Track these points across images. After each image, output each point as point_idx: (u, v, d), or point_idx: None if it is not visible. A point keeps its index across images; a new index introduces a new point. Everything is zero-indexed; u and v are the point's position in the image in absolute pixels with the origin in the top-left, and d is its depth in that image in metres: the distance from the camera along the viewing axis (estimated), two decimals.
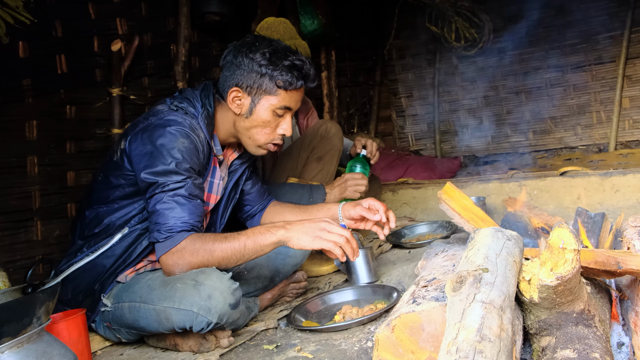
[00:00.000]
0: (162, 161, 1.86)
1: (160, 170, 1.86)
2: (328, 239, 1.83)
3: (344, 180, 2.71)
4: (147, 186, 1.88)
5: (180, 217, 1.84)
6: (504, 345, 1.06)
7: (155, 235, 1.85)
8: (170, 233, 1.83)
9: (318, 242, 1.83)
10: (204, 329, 1.78)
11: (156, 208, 1.85)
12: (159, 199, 1.85)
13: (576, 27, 4.54)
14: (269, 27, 3.03)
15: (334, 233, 1.85)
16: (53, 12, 2.87)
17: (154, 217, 1.86)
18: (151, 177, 1.86)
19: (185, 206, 1.86)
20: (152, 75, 3.42)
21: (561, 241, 1.26)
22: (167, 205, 1.85)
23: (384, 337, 1.33)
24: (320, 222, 1.88)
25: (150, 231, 1.89)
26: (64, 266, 2.00)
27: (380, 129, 5.56)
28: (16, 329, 1.35)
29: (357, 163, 2.84)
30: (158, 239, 1.84)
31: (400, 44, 5.36)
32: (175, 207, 1.85)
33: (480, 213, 2.06)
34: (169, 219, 1.84)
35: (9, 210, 2.69)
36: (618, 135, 4.46)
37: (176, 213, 1.84)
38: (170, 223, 1.83)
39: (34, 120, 2.79)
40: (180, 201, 1.86)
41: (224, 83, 2.07)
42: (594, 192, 3.13)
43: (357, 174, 2.74)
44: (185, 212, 1.86)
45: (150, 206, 1.87)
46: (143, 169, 1.88)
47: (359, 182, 2.69)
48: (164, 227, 1.83)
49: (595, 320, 1.40)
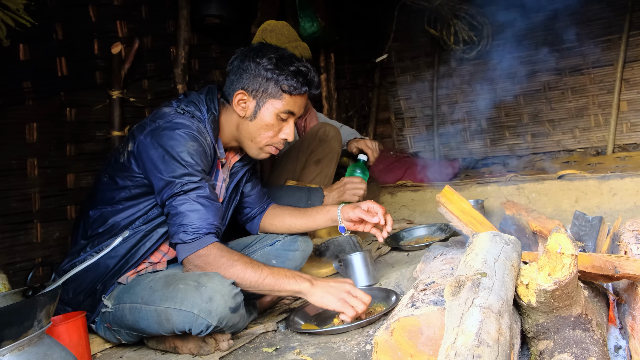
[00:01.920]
0: (175, 164, 1.90)
1: (177, 173, 1.89)
2: (351, 304, 1.88)
3: (343, 184, 2.72)
4: (163, 188, 1.90)
5: (205, 218, 1.89)
6: (502, 350, 1.07)
7: (181, 236, 1.87)
8: (198, 235, 1.87)
9: (340, 305, 1.88)
10: (203, 331, 1.79)
11: (180, 210, 1.88)
12: (182, 200, 1.88)
13: (574, 31, 4.55)
14: (272, 29, 3.03)
15: (358, 299, 1.89)
16: (53, 14, 2.88)
17: (178, 218, 1.88)
18: (168, 179, 1.89)
19: (209, 208, 1.90)
20: (152, 78, 3.42)
21: (559, 246, 1.27)
22: (192, 207, 1.88)
23: (383, 341, 1.34)
24: (345, 285, 1.93)
25: (173, 233, 1.91)
26: (67, 265, 2.02)
27: (379, 131, 5.56)
28: (17, 332, 1.35)
29: (356, 168, 2.85)
30: (184, 239, 1.87)
31: (399, 47, 5.36)
32: (200, 208, 1.89)
33: (478, 216, 2.07)
34: (195, 220, 1.87)
35: (9, 212, 2.69)
36: (616, 138, 4.47)
37: (202, 215, 1.88)
38: (196, 224, 1.87)
39: (34, 122, 2.80)
40: (204, 203, 1.90)
41: (230, 86, 2.09)
42: (592, 196, 3.14)
43: (356, 177, 2.75)
44: (210, 214, 1.90)
45: (171, 208, 1.90)
46: (158, 172, 1.91)
47: (358, 187, 2.70)
48: (190, 228, 1.87)
49: (593, 324, 1.41)
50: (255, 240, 2.37)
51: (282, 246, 2.34)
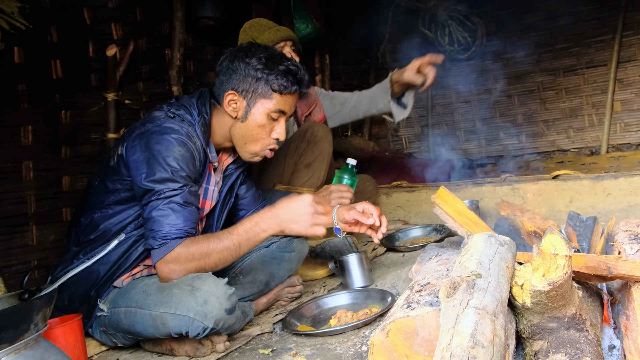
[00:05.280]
0: (159, 169, 1.88)
1: (157, 177, 1.88)
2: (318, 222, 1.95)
3: (329, 192, 2.68)
4: (144, 193, 1.90)
5: (175, 224, 1.86)
6: (497, 351, 1.07)
7: (150, 242, 1.87)
8: (165, 240, 1.85)
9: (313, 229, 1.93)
10: (200, 334, 1.79)
11: (151, 215, 1.87)
12: (154, 206, 1.87)
13: (568, 31, 4.57)
14: (251, 25, 2.98)
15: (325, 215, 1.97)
16: (48, 17, 2.88)
17: (149, 224, 1.88)
18: (148, 185, 1.88)
19: (180, 213, 1.88)
20: (147, 80, 3.43)
21: (553, 247, 1.28)
22: (162, 213, 1.86)
23: (379, 342, 1.34)
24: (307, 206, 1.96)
25: (145, 238, 1.90)
26: (60, 273, 2.01)
27: (374, 131, 5.57)
28: (14, 336, 1.35)
29: (344, 174, 2.79)
30: (153, 245, 1.86)
31: (394, 48, 5.37)
32: (170, 214, 1.87)
33: (473, 217, 2.08)
34: (164, 225, 1.86)
35: (5, 215, 2.69)
36: (610, 138, 4.48)
37: (171, 220, 1.86)
38: (165, 230, 1.85)
39: (29, 125, 2.80)
40: (175, 208, 1.88)
41: (220, 87, 2.09)
42: (586, 196, 3.15)
43: (342, 185, 2.70)
44: (180, 219, 1.87)
45: (145, 213, 1.89)
46: (140, 175, 1.90)
47: (344, 195, 2.66)
48: (158, 233, 1.85)
49: (587, 325, 1.42)
50: None
51: (278, 248, 2.34)
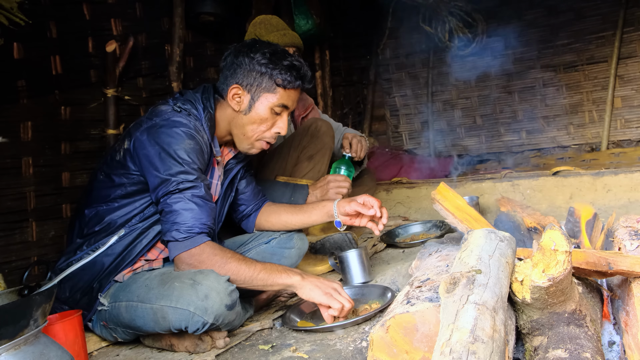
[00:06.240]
0: (172, 162, 1.91)
1: (173, 170, 1.90)
2: (336, 298, 1.92)
3: (326, 182, 2.71)
4: (158, 185, 1.91)
5: (199, 218, 1.90)
6: (497, 346, 1.07)
7: (173, 234, 1.88)
8: (190, 233, 1.88)
9: (326, 299, 1.92)
10: (200, 329, 1.79)
11: (174, 208, 1.89)
12: (177, 198, 1.89)
13: (569, 27, 4.57)
14: (262, 21, 3.03)
15: (343, 297, 1.93)
16: (48, 13, 2.88)
17: (172, 216, 1.89)
18: (164, 176, 1.90)
19: (203, 208, 1.92)
20: (147, 76, 3.42)
21: (553, 243, 1.28)
22: (186, 206, 1.89)
23: (379, 338, 1.34)
24: (334, 283, 1.97)
25: (166, 230, 1.91)
26: (63, 264, 2.02)
27: (374, 128, 5.57)
28: (13, 331, 1.35)
29: (341, 165, 2.83)
30: (177, 237, 1.88)
31: (394, 44, 5.36)
32: (194, 207, 1.90)
33: (473, 213, 2.08)
34: (189, 219, 1.88)
35: (4, 211, 2.69)
36: (610, 135, 4.48)
37: (195, 214, 1.90)
38: (189, 223, 1.88)
39: (29, 121, 2.80)
40: (199, 202, 1.91)
41: (224, 82, 2.11)
42: (586, 192, 3.15)
43: (339, 175, 2.73)
44: (203, 214, 1.91)
45: (165, 205, 1.91)
46: (154, 169, 1.92)
47: (341, 185, 2.68)
48: (183, 226, 1.88)
49: (587, 320, 1.42)
50: (250, 238, 2.38)
51: (278, 244, 2.35)
